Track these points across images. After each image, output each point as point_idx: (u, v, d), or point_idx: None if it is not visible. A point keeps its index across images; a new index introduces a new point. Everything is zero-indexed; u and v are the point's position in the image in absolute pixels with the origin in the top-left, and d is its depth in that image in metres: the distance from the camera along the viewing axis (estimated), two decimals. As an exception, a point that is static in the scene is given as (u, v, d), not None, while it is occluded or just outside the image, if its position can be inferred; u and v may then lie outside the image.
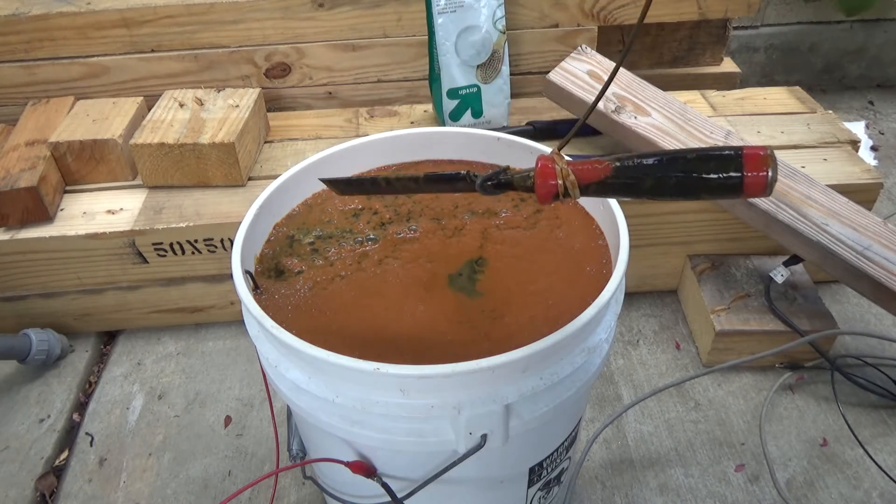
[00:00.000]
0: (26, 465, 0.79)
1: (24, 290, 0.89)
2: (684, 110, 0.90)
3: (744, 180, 0.36)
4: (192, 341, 0.94)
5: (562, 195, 0.40)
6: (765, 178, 0.35)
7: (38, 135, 0.91)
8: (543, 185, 0.40)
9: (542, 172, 0.40)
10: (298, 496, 0.75)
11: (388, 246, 0.57)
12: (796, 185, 0.83)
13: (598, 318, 0.46)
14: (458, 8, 0.91)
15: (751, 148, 0.36)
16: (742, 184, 0.36)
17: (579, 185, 0.40)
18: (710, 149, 0.37)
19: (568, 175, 0.40)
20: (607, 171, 0.39)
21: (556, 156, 0.41)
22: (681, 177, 0.37)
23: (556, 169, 0.40)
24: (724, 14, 1.07)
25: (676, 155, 0.38)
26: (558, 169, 0.40)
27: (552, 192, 0.40)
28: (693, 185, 0.37)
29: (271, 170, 0.93)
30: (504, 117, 1.00)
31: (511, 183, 0.43)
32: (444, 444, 0.46)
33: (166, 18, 0.98)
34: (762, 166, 0.35)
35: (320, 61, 1.05)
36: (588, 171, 0.39)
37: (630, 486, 0.75)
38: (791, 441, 0.79)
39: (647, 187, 0.38)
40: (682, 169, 0.37)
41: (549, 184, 0.40)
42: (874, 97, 1.47)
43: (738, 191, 0.36)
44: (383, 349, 0.48)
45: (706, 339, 0.87)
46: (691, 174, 0.37)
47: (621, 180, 0.39)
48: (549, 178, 0.40)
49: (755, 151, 0.36)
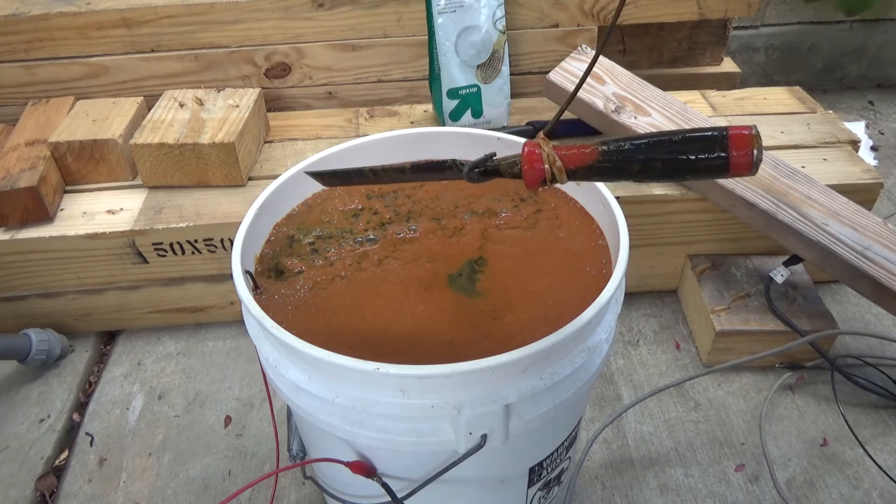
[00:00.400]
0: (26, 464, 0.79)
1: (25, 290, 0.89)
2: (684, 110, 0.90)
3: (729, 160, 0.36)
4: (192, 341, 0.94)
5: (549, 180, 0.40)
6: (750, 156, 0.36)
7: (38, 135, 0.91)
8: (530, 170, 0.40)
9: (529, 158, 0.40)
10: (298, 496, 0.75)
11: (388, 246, 0.57)
12: (796, 185, 0.83)
13: (598, 318, 0.46)
14: (458, 8, 0.91)
15: (736, 128, 0.36)
16: (728, 163, 0.36)
17: (566, 170, 0.40)
18: (696, 129, 0.37)
19: (555, 161, 0.40)
20: (594, 155, 0.39)
21: (542, 140, 0.41)
22: (667, 159, 0.37)
23: (542, 154, 0.40)
24: (724, 14, 1.07)
25: (662, 137, 0.38)
26: (545, 154, 0.40)
27: (539, 178, 0.40)
28: (680, 167, 0.37)
29: (271, 170, 0.93)
30: (504, 117, 1.00)
31: (498, 169, 0.43)
32: (444, 444, 0.46)
33: (166, 18, 0.98)
34: (747, 145, 0.36)
35: (320, 61, 1.05)
36: (575, 155, 0.39)
37: (630, 486, 0.75)
38: (791, 441, 0.79)
39: (634, 170, 0.38)
40: (668, 151, 0.37)
41: (536, 168, 0.40)
42: (874, 97, 1.47)
43: (724, 170, 0.36)
44: (383, 349, 0.48)
45: (706, 339, 0.87)
46: (678, 156, 0.37)
47: (608, 164, 0.39)
48: (535, 163, 0.40)
49: (740, 131, 0.36)
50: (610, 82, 0.92)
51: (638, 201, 0.86)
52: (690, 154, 0.37)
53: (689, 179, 0.38)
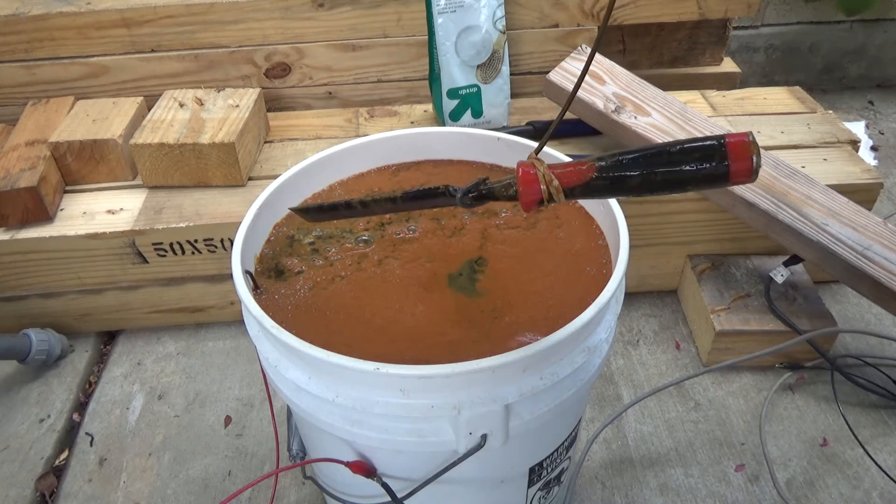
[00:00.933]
0: (26, 464, 0.79)
1: (24, 290, 0.89)
2: (684, 110, 0.90)
3: (730, 169, 0.35)
4: (192, 341, 0.94)
5: (546, 201, 0.39)
6: (750, 163, 0.35)
7: (39, 135, 0.91)
8: (527, 192, 0.39)
9: (525, 180, 0.39)
10: (298, 496, 0.75)
11: (388, 246, 0.57)
12: (796, 186, 0.83)
13: (598, 318, 0.46)
14: (458, 8, 0.91)
15: (733, 136, 0.36)
16: (728, 173, 0.35)
17: (563, 189, 0.38)
18: (693, 140, 0.36)
19: (551, 181, 0.38)
20: (591, 172, 0.38)
21: (536, 161, 0.39)
22: (666, 171, 0.37)
23: (538, 174, 0.39)
24: (724, 14, 1.07)
25: (660, 149, 0.37)
26: (540, 174, 0.38)
27: (536, 199, 0.39)
28: (679, 179, 0.37)
29: (271, 170, 0.93)
30: (504, 117, 1.00)
31: (493, 193, 0.41)
32: (444, 444, 0.46)
33: (166, 18, 0.98)
34: (747, 153, 0.35)
35: (320, 61, 1.05)
36: (571, 173, 0.38)
37: (630, 485, 0.75)
38: (791, 441, 0.79)
39: (633, 185, 0.37)
40: (666, 163, 0.36)
41: (533, 190, 0.39)
42: (874, 97, 1.47)
43: (725, 179, 0.36)
44: (383, 349, 0.48)
45: (706, 339, 0.87)
46: (677, 167, 0.36)
47: (606, 181, 0.38)
48: (531, 184, 0.39)
49: (739, 139, 0.35)
50: (610, 82, 0.92)
51: (638, 201, 0.86)
52: (689, 165, 0.36)
53: (688, 191, 0.38)
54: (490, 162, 0.65)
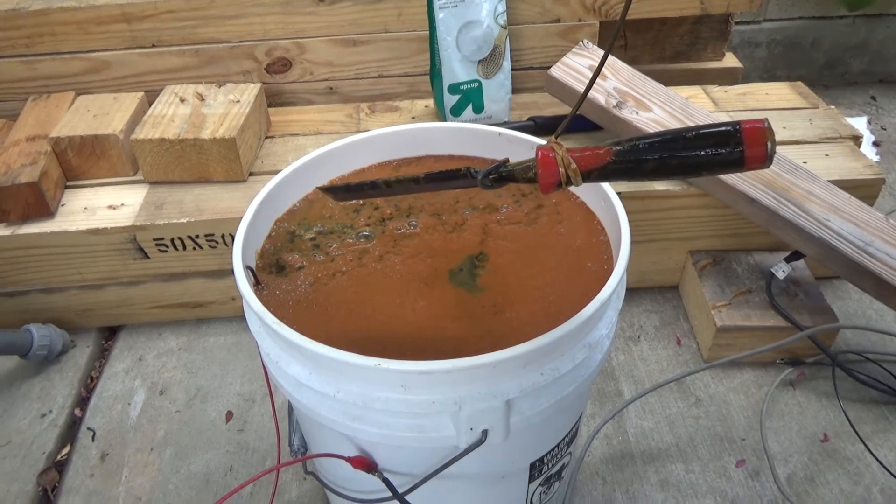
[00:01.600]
0: (28, 460, 0.79)
1: (26, 285, 0.89)
2: (686, 105, 0.89)
3: (745, 154, 0.36)
4: (194, 337, 0.95)
5: (564, 183, 0.40)
6: (765, 149, 0.36)
7: (39, 130, 0.91)
8: (546, 174, 0.40)
9: (544, 162, 0.40)
10: (300, 491, 0.75)
11: (389, 241, 0.57)
12: (798, 181, 0.83)
13: (599, 313, 0.46)
14: (459, 3, 0.91)
15: (749, 122, 0.36)
16: (743, 158, 0.36)
17: (581, 173, 0.40)
18: (709, 125, 0.37)
19: (570, 163, 0.40)
20: (608, 155, 0.39)
21: (556, 144, 0.41)
22: (682, 156, 0.37)
23: (557, 157, 0.40)
24: (726, 9, 1.07)
25: (676, 135, 0.38)
26: (559, 157, 0.40)
27: (555, 181, 0.40)
28: (695, 164, 0.37)
29: (272, 165, 0.93)
30: (505, 112, 1.00)
31: (512, 175, 0.43)
32: (445, 439, 0.46)
33: (167, 13, 0.98)
34: (762, 139, 0.36)
35: (321, 56, 1.05)
36: (589, 157, 0.40)
37: (631, 481, 0.75)
38: (792, 437, 0.79)
39: (649, 169, 0.38)
40: (682, 148, 0.37)
41: (552, 172, 0.40)
42: (876, 92, 1.47)
43: (740, 165, 0.37)
44: (384, 345, 0.48)
45: (707, 335, 0.87)
46: (692, 152, 0.37)
47: (623, 165, 0.39)
48: (550, 166, 0.40)
49: (754, 125, 0.36)
50: (611, 77, 0.92)
51: (639, 197, 0.86)
52: (705, 150, 0.37)
53: (703, 176, 0.38)
54: (491, 157, 0.65)
